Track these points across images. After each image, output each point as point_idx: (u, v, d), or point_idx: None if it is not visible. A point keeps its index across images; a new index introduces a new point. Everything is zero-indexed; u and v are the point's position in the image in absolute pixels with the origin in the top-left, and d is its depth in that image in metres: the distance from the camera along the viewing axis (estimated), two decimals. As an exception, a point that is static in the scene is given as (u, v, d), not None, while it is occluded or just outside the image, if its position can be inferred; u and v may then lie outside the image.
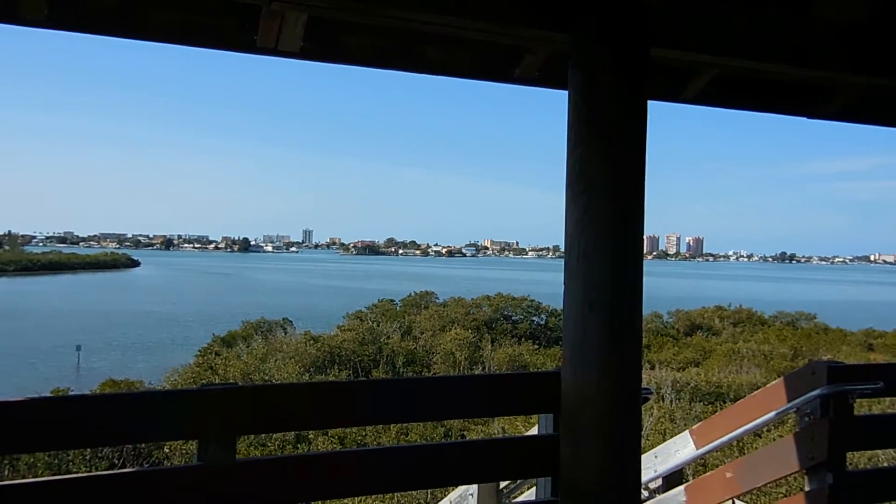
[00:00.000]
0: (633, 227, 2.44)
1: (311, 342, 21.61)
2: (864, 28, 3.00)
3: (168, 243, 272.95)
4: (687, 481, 4.27)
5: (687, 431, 4.17)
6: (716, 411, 17.82)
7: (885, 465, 6.53)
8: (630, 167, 2.43)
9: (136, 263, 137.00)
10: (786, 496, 8.02)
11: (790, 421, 7.16)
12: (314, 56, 2.76)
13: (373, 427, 12.01)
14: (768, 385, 3.68)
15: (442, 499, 4.82)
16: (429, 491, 7.17)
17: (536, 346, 31.97)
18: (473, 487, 4.35)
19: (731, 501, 4.28)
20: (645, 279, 2.57)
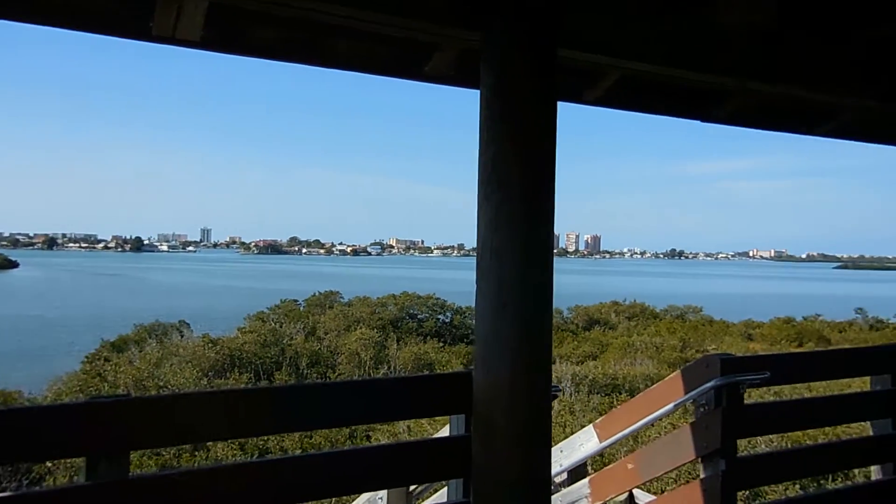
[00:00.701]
0: (544, 226, 2.46)
1: (210, 345, 20.76)
2: (758, 35, 3.17)
3: (51, 242, 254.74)
4: (590, 474, 4.39)
5: (591, 425, 4.29)
6: (612, 403, 18.59)
7: (766, 449, 6.99)
8: (541, 166, 2.45)
9: (14, 264, 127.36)
10: (675, 482, 8.46)
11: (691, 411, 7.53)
12: (216, 46, 2.61)
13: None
14: (666, 378, 3.84)
15: None
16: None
17: (442, 345, 32.20)
18: (382, 491, 4.29)
19: (628, 493, 4.45)
20: (552, 277, 2.59)
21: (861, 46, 3.51)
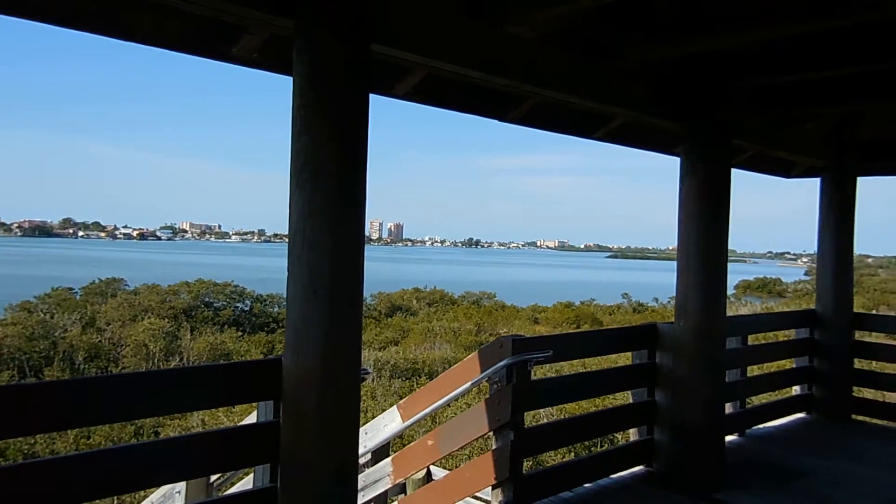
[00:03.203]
0: (356, 215, 2.55)
1: (-46, 342, 18.05)
2: (547, 48, 3.52)
3: None
4: (393, 453, 4.58)
5: (394, 406, 4.46)
6: (413, 387, 19.17)
7: (546, 421, 7.72)
8: (355, 156, 2.52)
9: None
10: (469, 457, 9.03)
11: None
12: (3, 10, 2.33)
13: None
14: (464, 359, 4.12)
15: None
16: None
17: (241, 333, 30.94)
18: (181, 484, 4.12)
19: (426, 470, 4.70)
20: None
21: (635, 65, 4.03)
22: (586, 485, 4.35)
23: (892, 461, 5.13)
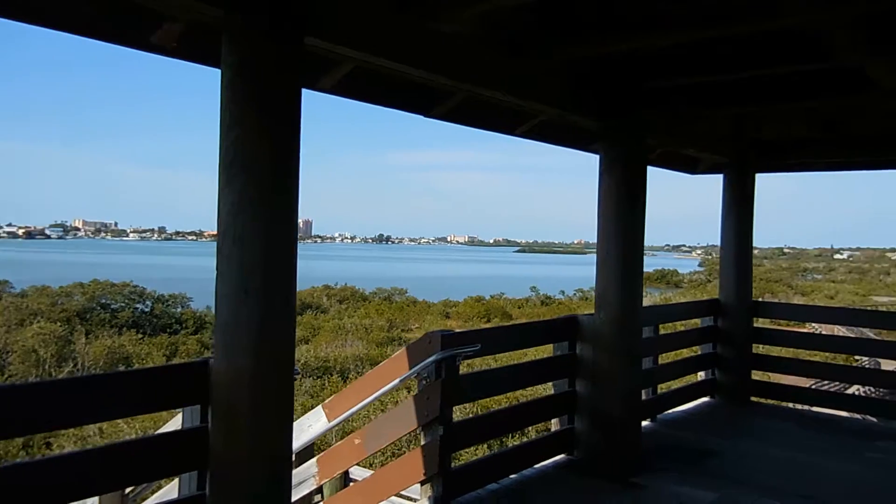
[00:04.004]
0: (289, 211, 2.48)
1: None
2: (473, 45, 3.53)
3: None
4: (318, 453, 4.50)
5: (320, 406, 4.38)
6: (324, 384, 18.83)
7: (471, 415, 7.82)
8: (286, 151, 2.45)
9: None
10: (394, 456, 9.03)
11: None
12: None
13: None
14: (393, 356, 4.10)
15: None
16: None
17: (141, 336, 29.58)
18: (92, 498, 3.88)
19: (343, 472, 4.63)
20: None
21: (559, 63, 4.12)
22: (512, 476, 4.43)
23: (786, 438, 5.52)
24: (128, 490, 3.97)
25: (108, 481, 2.71)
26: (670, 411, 6.08)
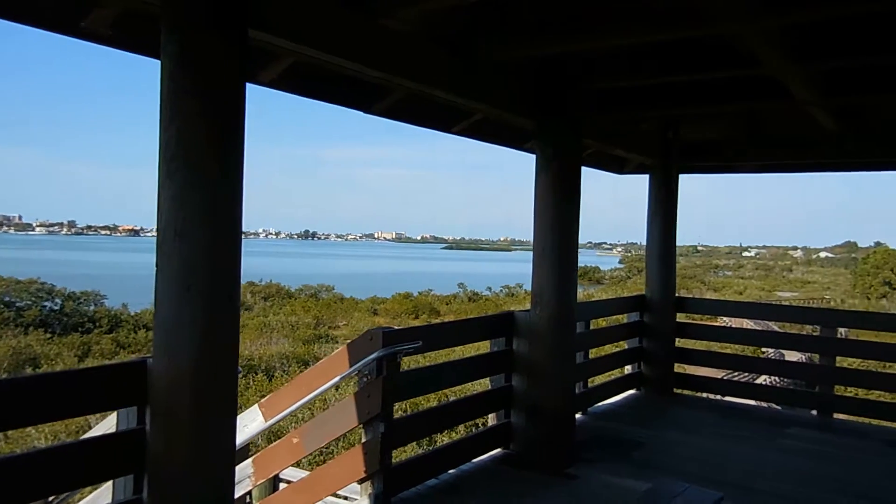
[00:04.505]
0: (233, 206, 2.41)
1: None
2: (414, 44, 3.54)
3: None
4: (254, 453, 4.40)
5: (256, 405, 4.29)
6: (249, 384, 18.41)
7: (410, 412, 7.83)
8: (231, 145, 2.39)
9: None
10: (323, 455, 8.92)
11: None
12: None
13: None
14: (333, 353, 4.06)
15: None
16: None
17: (49, 335, 28.09)
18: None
19: (273, 475, 4.55)
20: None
21: (498, 63, 4.17)
22: (451, 471, 4.47)
23: (707, 428, 5.80)
24: (51, 497, 3.77)
25: (38, 489, 2.57)
26: (600, 404, 6.27)
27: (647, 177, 6.71)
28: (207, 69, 2.32)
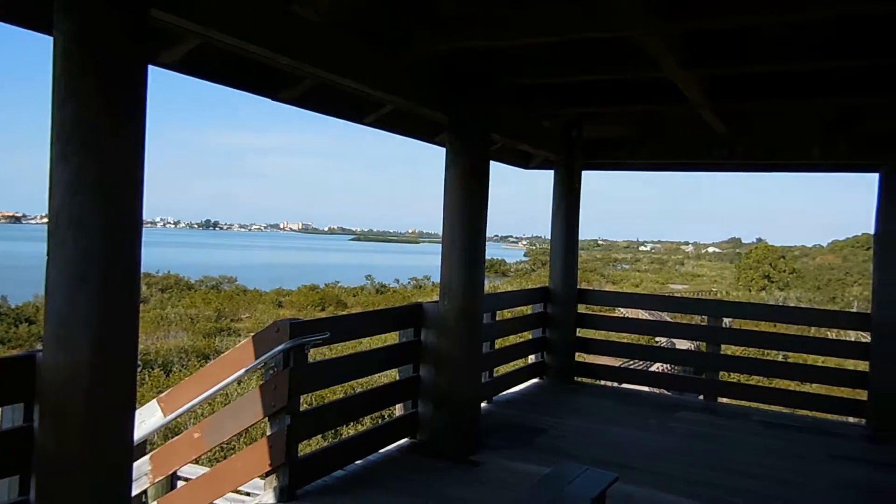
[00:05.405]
0: (133, 191, 2.31)
1: None
2: (326, 32, 3.50)
3: None
4: (152, 450, 4.24)
5: (154, 400, 4.13)
6: (144, 379, 17.57)
7: (317, 404, 7.74)
8: (133, 128, 2.29)
9: None
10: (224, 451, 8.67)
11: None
12: None
13: None
14: (238, 345, 3.97)
15: None
16: None
17: None
18: None
19: (171, 473, 4.41)
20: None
21: (411, 55, 4.19)
22: (358, 462, 4.47)
23: (606, 414, 6.09)
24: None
25: None
26: (505, 392, 6.44)
27: (551, 172, 6.93)
28: (106, 49, 2.21)
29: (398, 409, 5.04)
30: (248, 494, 5.65)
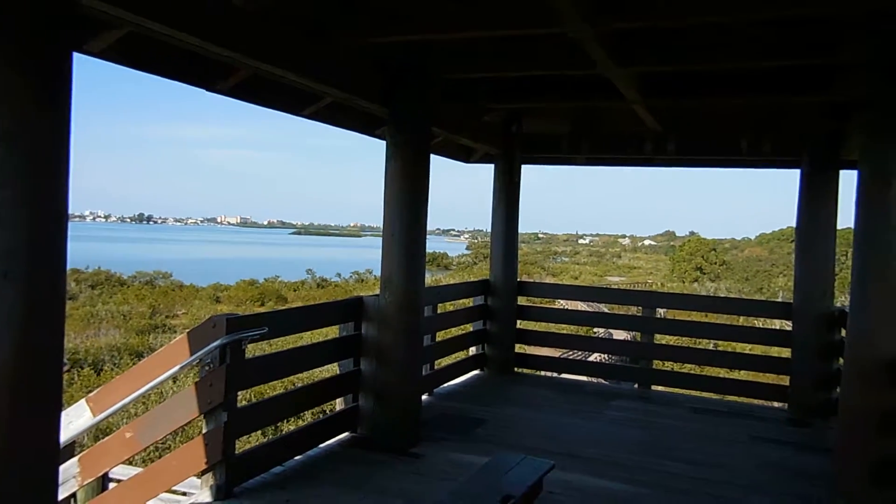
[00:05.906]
0: (58, 185, 2.22)
1: None
2: (264, 23, 3.44)
3: None
4: (82, 451, 4.11)
5: (83, 400, 3.99)
6: (73, 380, 16.91)
7: (255, 400, 7.62)
8: (56, 119, 2.19)
9: None
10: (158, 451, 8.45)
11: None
12: None
13: None
14: (172, 342, 3.87)
15: None
16: None
17: None
18: None
19: (102, 474, 4.29)
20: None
21: (351, 48, 4.15)
22: (297, 457, 4.44)
23: (545, 403, 6.21)
24: None
25: None
26: (446, 385, 6.49)
27: (492, 166, 7.00)
28: (26, 35, 2.11)
29: (339, 404, 5.02)
30: (183, 494, 5.51)
